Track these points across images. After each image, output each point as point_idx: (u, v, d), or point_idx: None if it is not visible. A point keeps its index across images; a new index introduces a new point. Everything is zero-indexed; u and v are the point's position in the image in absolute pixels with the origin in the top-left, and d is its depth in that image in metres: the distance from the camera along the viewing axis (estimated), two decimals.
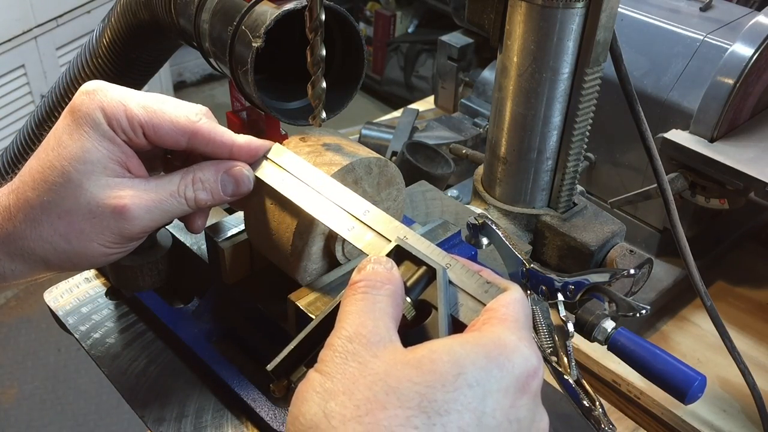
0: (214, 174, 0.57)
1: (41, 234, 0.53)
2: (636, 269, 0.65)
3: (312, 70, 0.60)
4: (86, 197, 0.52)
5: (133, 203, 0.53)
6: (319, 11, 0.57)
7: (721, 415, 1.08)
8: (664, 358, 0.63)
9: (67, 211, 0.53)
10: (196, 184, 0.56)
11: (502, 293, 0.49)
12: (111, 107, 0.53)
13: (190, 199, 0.56)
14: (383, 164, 0.61)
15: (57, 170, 0.52)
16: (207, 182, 0.57)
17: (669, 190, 0.80)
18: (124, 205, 0.53)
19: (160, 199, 0.55)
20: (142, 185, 0.55)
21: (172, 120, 0.55)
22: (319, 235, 0.59)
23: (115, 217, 0.53)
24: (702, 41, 1.11)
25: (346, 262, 0.61)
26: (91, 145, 0.53)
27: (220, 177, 0.57)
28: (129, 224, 0.54)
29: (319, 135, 0.62)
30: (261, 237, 0.61)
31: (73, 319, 0.69)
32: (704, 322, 1.20)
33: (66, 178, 0.52)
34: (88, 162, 0.53)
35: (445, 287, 0.48)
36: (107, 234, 0.54)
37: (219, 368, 0.60)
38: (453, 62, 1.63)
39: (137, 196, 0.54)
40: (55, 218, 0.53)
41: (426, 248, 0.51)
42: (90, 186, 0.53)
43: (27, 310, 2.61)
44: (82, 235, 0.53)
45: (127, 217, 0.53)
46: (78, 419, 2.28)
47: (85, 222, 0.53)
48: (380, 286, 0.45)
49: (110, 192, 0.53)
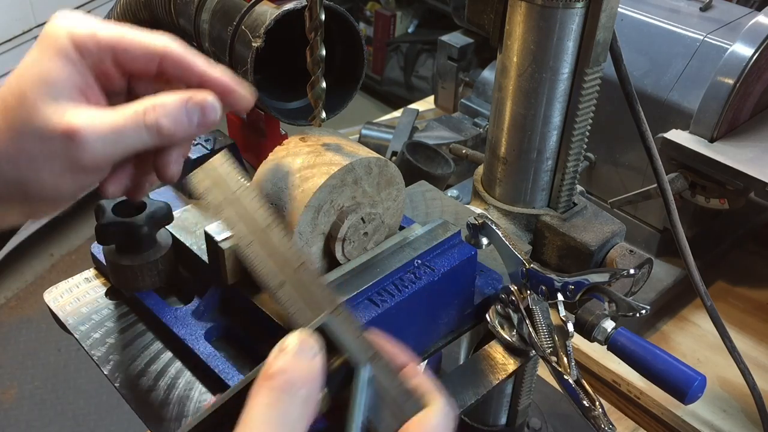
0: (177, 100, 0.53)
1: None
2: (636, 269, 0.65)
3: (312, 70, 0.60)
4: (39, 119, 0.50)
5: (86, 127, 0.50)
6: (319, 11, 0.57)
7: (721, 415, 1.08)
8: (664, 358, 0.63)
9: (19, 133, 0.50)
10: (157, 109, 0.52)
11: (422, 411, 0.45)
12: (79, 32, 0.51)
13: (150, 126, 0.52)
14: (383, 164, 0.61)
15: (15, 93, 0.50)
16: (168, 107, 0.53)
17: (669, 190, 0.80)
18: (76, 128, 0.50)
19: (116, 125, 0.51)
20: (98, 112, 0.51)
21: (143, 41, 0.53)
22: (319, 235, 0.59)
23: (66, 141, 0.50)
24: (702, 41, 1.11)
25: (345, 262, 0.61)
26: (53, 68, 0.51)
27: (186, 105, 0.53)
28: (80, 151, 0.50)
29: (319, 135, 0.62)
30: None
31: (73, 319, 0.69)
32: (704, 322, 1.20)
33: (22, 99, 0.50)
34: (46, 84, 0.50)
35: (362, 389, 0.44)
36: (57, 161, 0.50)
37: (219, 368, 0.60)
38: (453, 62, 1.63)
39: (91, 120, 0.50)
40: (7, 142, 0.50)
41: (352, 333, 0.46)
42: (44, 108, 0.50)
43: (27, 310, 2.62)
44: (31, 161, 0.50)
45: (79, 142, 0.50)
46: (78, 419, 2.28)
47: (34, 145, 0.50)
48: (299, 387, 0.41)
49: (63, 115, 0.50)
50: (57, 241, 2.85)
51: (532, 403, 0.98)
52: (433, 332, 0.65)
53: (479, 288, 0.69)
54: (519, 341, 0.66)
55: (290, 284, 0.51)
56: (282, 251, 0.53)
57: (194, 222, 0.74)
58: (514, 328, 0.67)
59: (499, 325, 0.67)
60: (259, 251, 0.54)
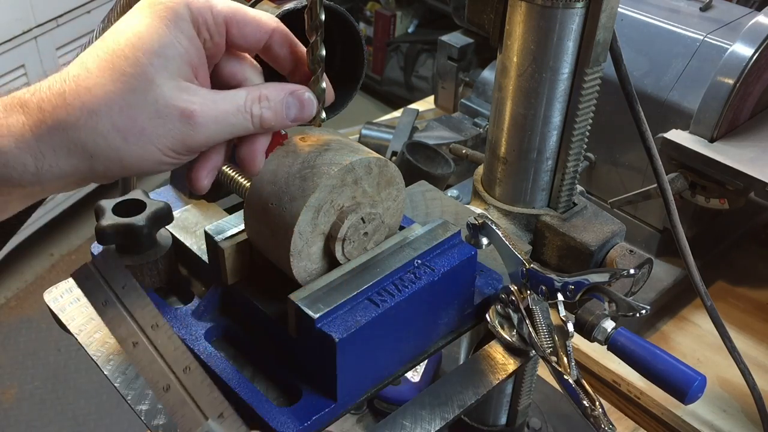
0: (279, 93, 0.55)
1: (97, 126, 0.48)
2: (636, 269, 0.65)
3: (312, 69, 0.60)
4: (155, 94, 0.49)
5: (202, 110, 0.50)
6: (319, 11, 0.57)
7: (721, 415, 1.08)
8: (664, 358, 0.63)
9: (131, 105, 0.48)
10: (262, 101, 0.53)
11: None
12: (198, 3, 0.50)
13: (255, 117, 0.53)
14: (383, 164, 0.61)
15: (129, 59, 0.48)
16: (273, 101, 0.54)
17: (669, 190, 0.80)
18: (194, 110, 0.50)
19: (227, 111, 0.52)
20: (210, 95, 0.52)
21: (256, 16, 0.53)
22: (319, 235, 0.59)
23: (182, 121, 0.50)
24: (702, 41, 1.12)
25: (345, 262, 0.61)
26: (172, 41, 0.49)
27: (286, 98, 0.55)
28: (194, 131, 0.50)
29: (319, 135, 0.62)
30: (261, 237, 0.61)
31: (73, 319, 0.69)
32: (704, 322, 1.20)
33: (139, 69, 0.48)
34: (164, 57, 0.49)
35: None
36: (169, 138, 0.50)
37: (219, 368, 0.60)
38: (453, 62, 1.63)
39: (206, 104, 0.51)
40: (116, 111, 0.48)
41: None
42: (162, 83, 0.49)
43: (27, 310, 2.62)
44: (142, 134, 0.49)
45: (194, 123, 0.50)
46: (78, 419, 2.28)
47: (148, 121, 0.49)
48: None
49: (181, 94, 0.50)
50: (57, 241, 2.85)
51: (532, 403, 0.98)
52: (433, 332, 0.65)
53: (479, 288, 0.69)
54: (519, 341, 0.66)
55: (177, 387, 0.52)
56: (169, 352, 0.53)
57: (194, 222, 0.74)
58: (514, 328, 0.67)
59: (499, 325, 0.67)
60: (146, 352, 0.54)
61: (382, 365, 0.62)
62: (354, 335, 0.55)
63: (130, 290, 0.59)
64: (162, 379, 0.53)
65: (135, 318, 0.57)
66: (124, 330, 0.57)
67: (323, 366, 0.57)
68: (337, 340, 0.54)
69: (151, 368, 0.54)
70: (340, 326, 0.55)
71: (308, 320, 0.55)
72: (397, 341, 0.61)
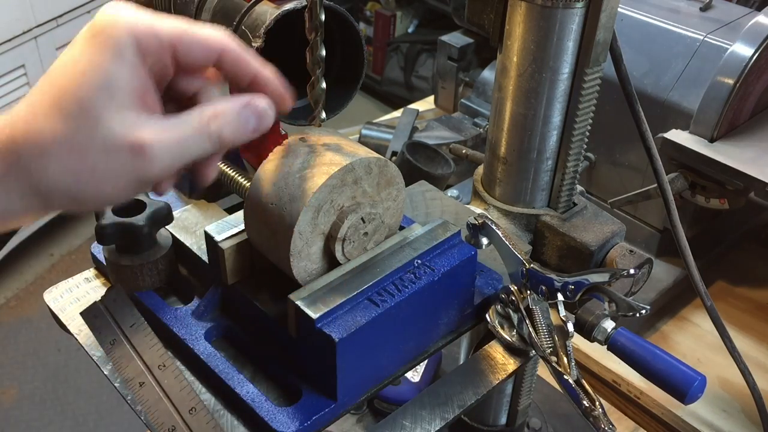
0: (234, 107, 0.53)
1: (47, 169, 0.47)
2: (636, 269, 0.65)
3: (312, 70, 0.60)
4: (103, 133, 0.47)
5: (154, 142, 0.49)
6: (319, 11, 0.57)
7: (721, 415, 1.08)
8: (664, 358, 0.63)
9: (80, 144, 0.47)
10: (219, 118, 0.52)
11: None
12: (141, 29, 0.48)
13: (213, 136, 0.51)
14: (383, 164, 0.61)
15: (74, 98, 0.47)
16: (228, 116, 0.52)
17: (669, 190, 0.80)
18: (144, 143, 0.48)
19: (182, 137, 0.50)
20: (161, 122, 0.50)
21: (204, 36, 0.51)
22: (319, 235, 0.59)
23: (134, 155, 0.48)
24: (702, 41, 1.12)
25: (345, 262, 0.61)
26: (116, 74, 0.48)
27: (241, 111, 0.53)
28: (148, 164, 0.49)
29: (319, 135, 0.62)
30: (261, 237, 0.61)
31: (73, 319, 0.69)
32: (704, 322, 1.20)
33: (83, 107, 0.47)
34: (109, 91, 0.48)
35: None
36: (122, 174, 0.49)
37: (219, 368, 0.60)
38: (453, 62, 1.63)
39: (157, 134, 0.49)
40: (66, 152, 0.47)
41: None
42: (109, 119, 0.47)
43: (27, 310, 2.62)
44: (94, 173, 0.48)
45: (147, 156, 0.48)
46: (78, 419, 2.28)
47: (99, 159, 0.48)
48: None
49: (130, 128, 0.48)
50: (57, 241, 2.85)
51: (532, 403, 0.98)
52: (433, 332, 0.65)
53: (479, 288, 0.69)
54: (519, 341, 0.66)
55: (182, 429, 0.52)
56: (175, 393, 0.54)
57: (194, 222, 0.74)
58: (514, 328, 0.67)
59: (499, 325, 0.67)
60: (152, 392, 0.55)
61: (382, 365, 0.62)
62: (354, 335, 0.55)
63: (139, 330, 0.60)
64: (168, 419, 0.54)
65: (143, 358, 0.58)
66: (131, 370, 0.57)
67: (323, 366, 0.57)
68: (337, 341, 0.54)
69: (157, 408, 0.54)
70: (340, 326, 0.55)
71: (308, 320, 0.55)
72: (397, 341, 0.61)
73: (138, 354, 0.58)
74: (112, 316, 0.61)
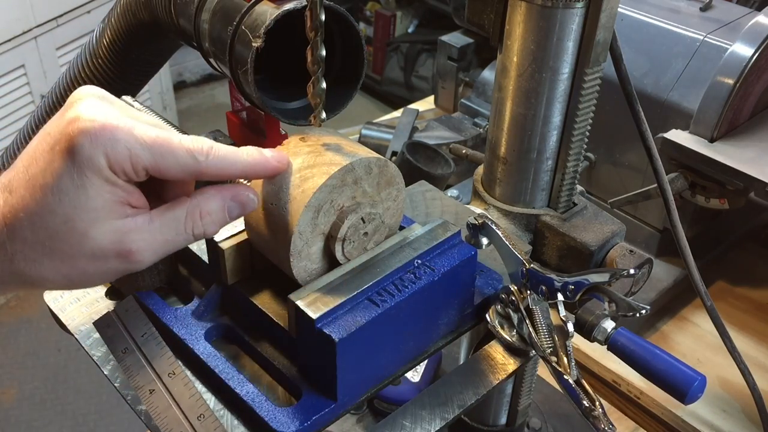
0: (220, 202, 0.56)
1: (41, 272, 0.52)
2: (636, 269, 0.65)
3: (312, 70, 0.60)
4: (91, 246, 0.51)
5: (139, 247, 0.53)
6: (319, 11, 0.57)
7: (721, 415, 1.08)
8: (664, 358, 0.63)
9: (71, 256, 0.51)
10: (204, 218, 0.55)
11: None
12: (115, 153, 0.50)
13: (198, 235, 0.55)
14: (383, 164, 0.61)
15: (59, 216, 0.50)
16: (214, 214, 0.56)
17: (669, 190, 0.80)
18: (130, 249, 0.52)
19: (166, 239, 0.54)
20: (146, 225, 0.53)
21: (179, 162, 0.53)
22: (319, 235, 0.59)
23: (121, 260, 0.52)
24: (702, 41, 1.12)
25: (345, 262, 0.61)
26: (95, 192, 0.51)
27: (227, 205, 0.56)
28: (135, 265, 0.53)
29: (319, 135, 0.62)
30: (261, 237, 0.61)
31: (73, 319, 0.69)
32: (704, 322, 1.20)
33: (70, 226, 0.51)
34: (92, 210, 0.51)
35: None
36: (111, 273, 0.54)
37: (219, 368, 0.60)
38: (453, 62, 1.63)
39: (143, 239, 0.53)
40: (57, 261, 0.52)
41: None
42: (95, 234, 0.51)
43: (27, 310, 2.62)
44: (84, 275, 0.53)
45: (134, 260, 0.53)
46: (78, 419, 2.28)
47: (88, 265, 0.52)
48: None
49: (117, 237, 0.52)
50: None
51: (532, 403, 0.98)
52: (433, 332, 0.65)
53: (479, 288, 0.69)
54: (519, 341, 0.66)
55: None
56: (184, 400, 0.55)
57: None
58: (514, 328, 0.67)
59: (499, 325, 0.67)
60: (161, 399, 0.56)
61: (382, 365, 0.62)
62: (354, 335, 0.55)
63: (150, 339, 0.62)
64: (176, 426, 0.55)
65: (153, 366, 0.59)
66: (141, 378, 0.59)
67: (323, 366, 0.57)
68: (337, 341, 0.54)
69: (167, 415, 0.55)
70: (339, 326, 0.55)
71: (308, 320, 0.55)
72: (397, 341, 0.61)
73: (148, 362, 0.59)
74: (124, 326, 0.63)
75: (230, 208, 0.56)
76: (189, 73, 3.93)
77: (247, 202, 0.57)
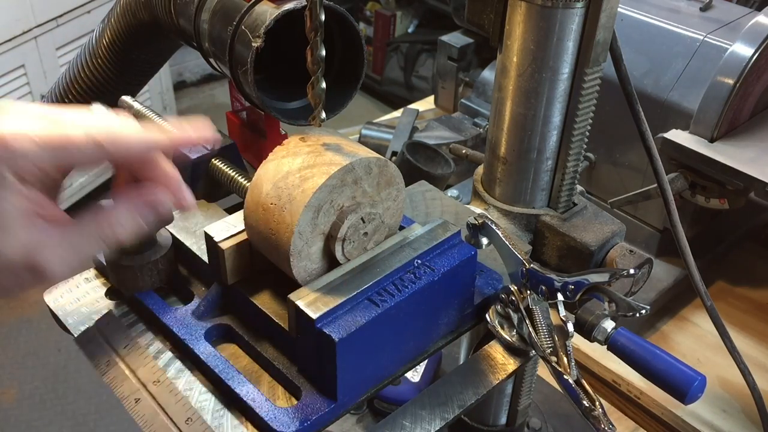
0: (130, 209, 0.56)
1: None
2: (636, 269, 0.65)
3: (312, 70, 0.60)
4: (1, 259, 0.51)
5: (50, 261, 0.52)
6: (319, 11, 0.57)
7: (721, 415, 1.08)
8: (664, 358, 0.63)
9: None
10: (116, 227, 0.55)
11: None
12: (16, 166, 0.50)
13: (110, 239, 0.55)
14: (383, 164, 0.61)
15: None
16: (126, 222, 0.55)
17: (669, 190, 0.80)
18: (40, 264, 0.52)
19: (77, 250, 0.54)
20: (57, 237, 0.53)
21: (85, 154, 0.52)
22: (319, 235, 0.59)
23: (32, 274, 0.52)
24: (702, 41, 1.12)
25: (345, 262, 0.61)
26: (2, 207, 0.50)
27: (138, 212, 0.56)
28: (48, 278, 0.53)
29: (318, 135, 0.62)
30: (261, 237, 0.61)
31: (73, 319, 0.69)
32: (704, 322, 1.20)
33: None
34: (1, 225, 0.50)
35: None
36: (26, 286, 0.53)
37: (219, 368, 0.60)
38: (453, 62, 1.63)
39: (54, 251, 0.52)
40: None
41: None
42: (5, 248, 0.51)
43: (27, 310, 2.62)
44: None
45: (46, 274, 0.52)
46: (78, 419, 2.28)
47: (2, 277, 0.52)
48: None
49: (26, 250, 0.51)
50: None
51: (532, 403, 0.98)
52: (433, 332, 0.65)
53: (479, 288, 0.69)
54: (519, 341, 0.66)
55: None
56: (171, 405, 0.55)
57: (194, 222, 0.74)
58: (514, 328, 0.67)
59: (499, 325, 0.67)
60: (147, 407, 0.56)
61: (382, 365, 0.62)
62: (354, 335, 0.55)
63: (132, 350, 0.62)
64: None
65: (137, 375, 0.59)
66: (126, 388, 0.59)
67: (323, 366, 0.57)
68: (337, 341, 0.54)
69: (154, 422, 0.55)
70: (339, 326, 0.55)
71: (308, 320, 0.55)
72: (397, 341, 0.61)
73: (132, 372, 0.60)
74: (106, 339, 0.63)
75: (143, 213, 0.56)
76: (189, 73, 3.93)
77: (158, 201, 0.56)
